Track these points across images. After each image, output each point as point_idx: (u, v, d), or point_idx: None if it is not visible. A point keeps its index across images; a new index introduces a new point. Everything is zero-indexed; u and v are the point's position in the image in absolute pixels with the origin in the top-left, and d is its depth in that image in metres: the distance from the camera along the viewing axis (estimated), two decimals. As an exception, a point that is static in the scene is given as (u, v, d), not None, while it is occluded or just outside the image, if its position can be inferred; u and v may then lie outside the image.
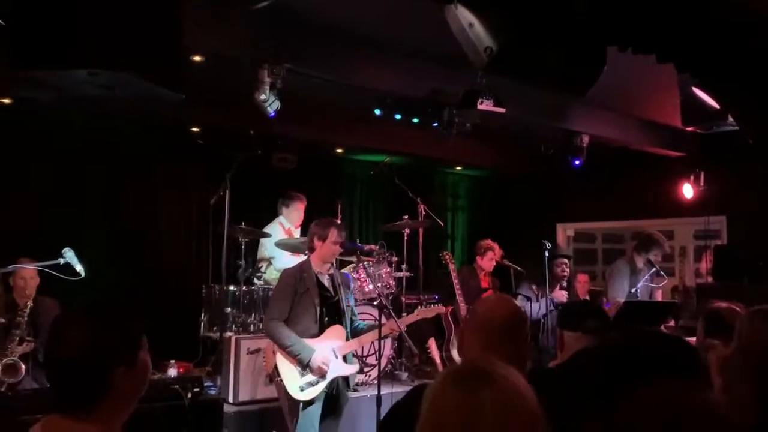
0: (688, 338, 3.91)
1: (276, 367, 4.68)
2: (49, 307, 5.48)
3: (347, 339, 4.87)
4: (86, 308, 1.90)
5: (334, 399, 4.83)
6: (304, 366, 4.62)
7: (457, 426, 1.33)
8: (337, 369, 4.77)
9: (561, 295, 6.00)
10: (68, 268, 4.80)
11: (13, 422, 3.90)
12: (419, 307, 5.45)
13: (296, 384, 4.64)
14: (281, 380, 4.65)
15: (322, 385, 4.69)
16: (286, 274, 4.92)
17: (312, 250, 4.91)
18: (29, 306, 5.34)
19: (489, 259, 7.46)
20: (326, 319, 4.80)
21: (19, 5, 2.35)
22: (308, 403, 4.64)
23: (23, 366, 4.98)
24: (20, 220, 7.04)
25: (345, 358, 4.86)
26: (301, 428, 4.60)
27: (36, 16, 2.29)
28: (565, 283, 6.13)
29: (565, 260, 6.12)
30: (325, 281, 4.90)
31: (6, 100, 6.51)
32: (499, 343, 2.42)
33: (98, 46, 2.19)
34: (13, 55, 2.36)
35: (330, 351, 4.73)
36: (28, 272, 5.39)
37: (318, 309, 4.75)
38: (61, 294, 6.18)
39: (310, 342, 4.68)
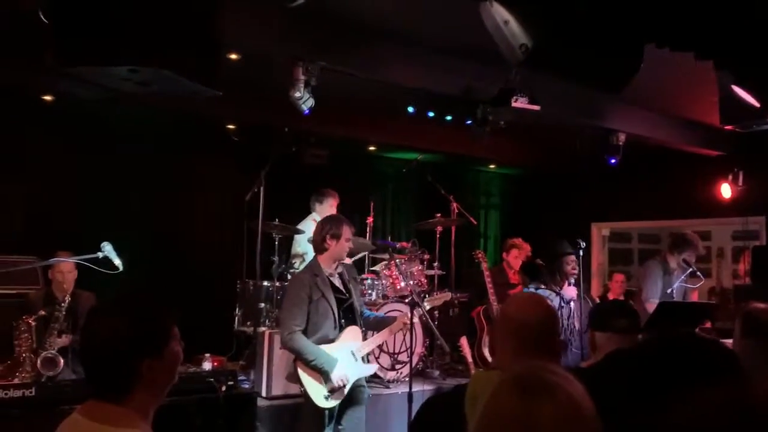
0: (724, 340, 3.85)
1: (299, 377, 4.61)
2: (87, 300, 5.59)
3: (364, 338, 4.87)
4: (116, 300, 1.96)
5: (353, 395, 4.77)
6: (326, 377, 4.57)
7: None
8: (357, 371, 4.75)
9: (571, 291, 5.95)
10: (107, 261, 4.89)
11: (54, 411, 4.00)
12: (426, 295, 5.46)
13: (321, 393, 4.58)
14: (305, 390, 4.60)
15: (346, 390, 4.65)
16: (298, 281, 4.78)
17: (324, 250, 4.75)
18: (67, 299, 5.45)
19: (514, 256, 7.46)
20: (342, 321, 4.72)
21: (61, 3, 2.41)
22: (333, 409, 4.60)
23: (62, 360, 5.09)
24: (59, 213, 7.20)
25: (363, 358, 4.85)
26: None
27: (78, 13, 2.35)
28: (572, 280, 6.07)
29: (574, 257, 6.07)
30: (337, 282, 4.81)
31: (48, 97, 6.67)
32: (534, 347, 2.38)
33: (138, 43, 2.24)
34: (56, 53, 2.42)
35: (349, 355, 4.70)
36: (66, 266, 5.50)
37: (335, 313, 4.66)
38: (99, 287, 6.32)
39: (328, 347, 4.62)
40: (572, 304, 5.95)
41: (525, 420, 1.32)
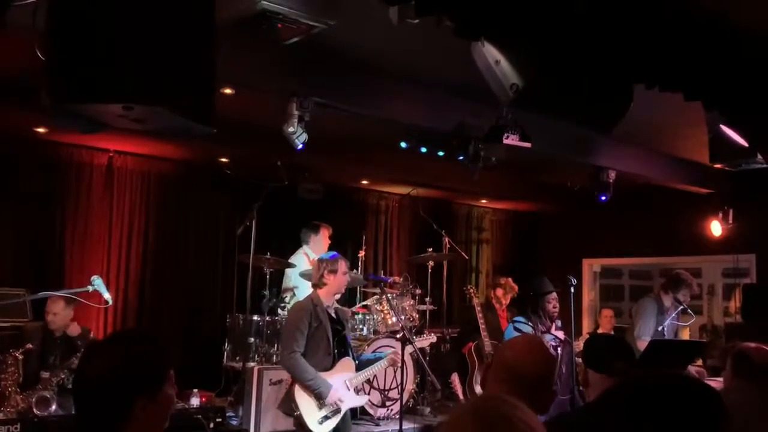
0: (714, 378, 3.83)
1: (295, 401, 4.68)
2: (81, 335, 5.56)
3: (356, 370, 4.95)
4: (113, 338, 1.94)
5: (340, 425, 4.84)
6: (321, 401, 4.65)
7: None
8: (350, 401, 4.85)
9: (560, 334, 5.87)
10: (96, 295, 4.86)
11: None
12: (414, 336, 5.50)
13: (315, 417, 4.66)
14: (300, 414, 4.66)
15: (338, 418, 4.74)
16: (299, 307, 4.96)
17: (324, 285, 4.90)
18: (61, 334, 5.45)
19: (501, 294, 7.47)
20: (336, 351, 4.84)
21: (56, 39, 2.43)
22: None
23: (56, 399, 5.03)
24: (50, 250, 7.18)
25: (355, 389, 4.93)
26: None
27: (73, 50, 2.37)
28: (559, 322, 5.98)
29: (555, 295, 6.00)
30: (333, 315, 4.94)
31: (41, 130, 6.69)
32: (526, 394, 2.31)
33: (133, 80, 2.25)
34: (51, 90, 2.44)
35: (342, 384, 4.79)
36: (56, 307, 5.47)
37: (331, 342, 4.79)
38: (89, 320, 6.29)
39: (324, 375, 4.72)
40: (559, 349, 5.83)
41: None
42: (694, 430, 1.43)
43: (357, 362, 5.06)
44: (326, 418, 4.68)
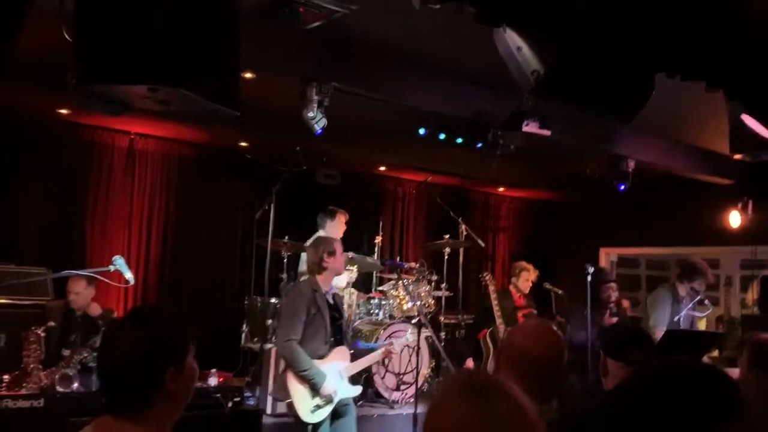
0: (731, 369, 3.83)
1: (287, 388, 4.66)
2: (102, 314, 5.63)
3: (352, 359, 4.94)
4: (135, 314, 1.97)
5: (340, 411, 4.84)
6: (316, 390, 4.63)
7: None
8: (344, 391, 4.81)
9: (610, 322, 5.86)
10: (118, 275, 4.92)
11: (62, 423, 4.02)
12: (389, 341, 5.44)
13: (307, 407, 4.64)
14: (292, 402, 4.65)
15: (331, 407, 4.71)
16: (298, 292, 4.91)
17: (323, 269, 4.84)
18: (83, 313, 5.52)
19: (525, 279, 7.45)
20: (332, 339, 4.82)
21: (84, 22, 2.46)
22: (318, 424, 4.66)
23: (78, 377, 5.10)
24: (72, 230, 7.28)
25: (350, 379, 4.90)
26: None
27: (100, 32, 2.40)
28: (615, 309, 5.96)
29: (613, 284, 5.97)
30: (331, 301, 4.92)
31: (64, 111, 6.76)
32: (536, 379, 2.28)
33: (159, 62, 2.28)
34: (78, 71, 2.47)
35: (337, 374, 4.77)
36: (77, 286, 5.54)
37: (329, 330, 4.76)
38: (110, 300, 6.37)
39: (319, 363, 4.69)
40: None
41: (484, 420, 1.32)
42: (711, 418, 1.44)
43: (352, 351, 5.06)
44: (318, 407, 4.64)
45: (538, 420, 1.39)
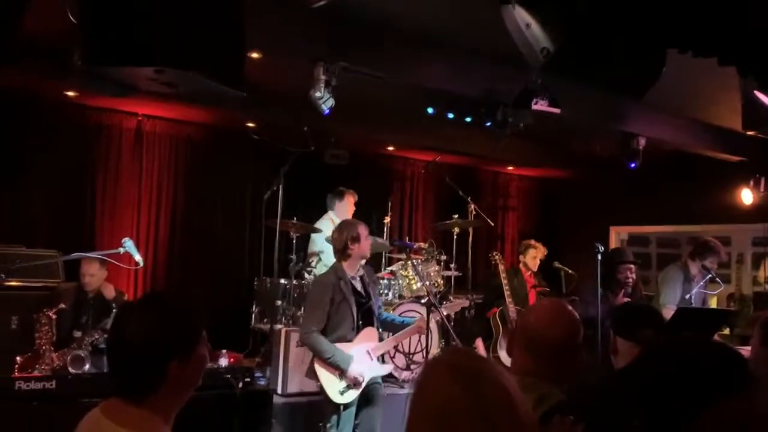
0: (742, 347, 3.81)
1: (315, 373, 4.74)
2: (115, 297, 5.67)
3: (380, 339, 4.96)
4: (148, 298, 1.97)
5: (369, 393, 4.89)
6: (342, 374, 4.69)
7: (467, 420, 1.32)
8: (373, 370, 4.85)
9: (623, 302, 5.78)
10: (128, 257, 4.94)
11: (75, 405, 4.06)
12: (445, 302, 5.52)
13: (336, 389, 4.70)
14: (321, 385, 4.73)
15: (361, 387, 4.76)
16: (321, 283, 4.95)
17: (348, 256, 4.87)
18: (95, 295, 5.56)
19: (532, 257, 7.45)
20: (360, 323, 4.86)
21: (89, 3, 2.45)
22: (347, 405, 4.72)
23: (90, 358, 5.15)
24: (82, 212, 7.31)
25: (381, 358, 4.95)
26: (339, 427, 4.69)
27: (105, 13, 2.38)
28: (630, 290, 5.89)
29: (631, 266, 5.90)
30: (358, 285, 4.94)
31: (71, 93, 6.76)
32: (550, 361, 2.27)
33: (165, 44, 2.27)
34: (83, 52, 2.46)
35: (365, 353, 4.81)
36: (91, 269, 5.58)
37: (355, 317, 4.81)
38: (120, 282, 6.39)
39: (345, 346, 4.73)
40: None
41: (469, 401, 1.32)
42: (721, 393, 1.43)
43: (389, 320, 5.11)
44: (348, 387, 4.71)
45: (523, 400, 1.39)
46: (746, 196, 8.22)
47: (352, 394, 4.73)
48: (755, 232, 8.62)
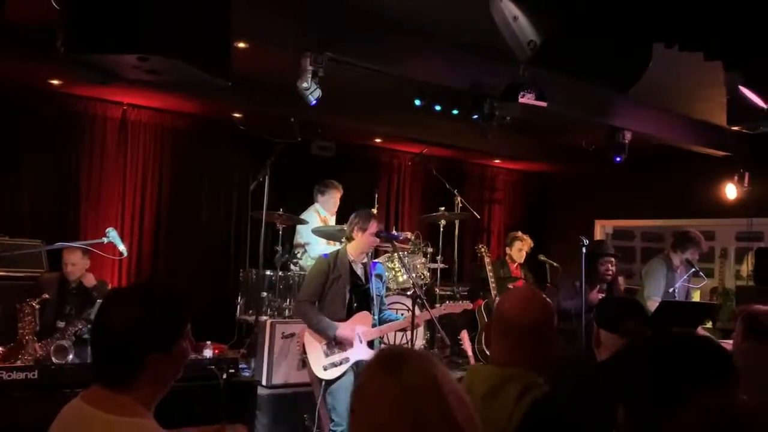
0: (724, 340, 3.84)
1: (303, 345, 4.86)
2: (97, 286, 5.64)
3: (373, 326, 4.98)
4: (134, 288, 1.95)
5: (357, 376, 4.91)
6: (330, 340, 4.77)
7: (392, 407, 1.37)
8: (361, 353, 4.89)
9: (596, 298, 5.71)
10: (112, 247, 4.91)
11: (57, 395, 4.03)
12: (447, 301, 5.55)
13: (320, 363, 4.80)
14: (306, 358, 4.82)
15: (345, 367, 4.83)
16: (321, 259, 5.07)
17: (350, 239, 5.02)
18: (77, 285, 5.52)
19: (518, 249, 7.49)
20: (355, 305, 4.94)
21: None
22: (330, 382, 4.79)
23: (73, 348, 5.11)
24: (65, 202, 7.24)
25: (371, 344, 4.96)
26: (336, 398, 4.75)
27: (89, 0, 2.35)
28: (605, 285, 5.84)
29: (612, 259, 5.86)
30: (358, 270, 5.03)
31: (55, 82, 6.69)
32: (527, 345, 2.27)
33: (149, 31, 2.24)
34: (66, 39, 2.43)
35: (356, 336, 4.87)
36: (74, 257, 5.54)
37: (348, 295, 4.90)
38: (104, 272, 6.34)
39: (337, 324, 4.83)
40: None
41: (397, 394, 1.36)
42: (703, 386, 1.44)
43: (387, 318, 5.14)
44: (333, 365, 4.79)
45: (457, 388, 1.44)
46: (730, 191, 8.28)
47: (336, 372, 4.79)
48: (739, 227, 8.69)
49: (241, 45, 5.18)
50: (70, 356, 4.81)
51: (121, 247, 5.00)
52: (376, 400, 1.39)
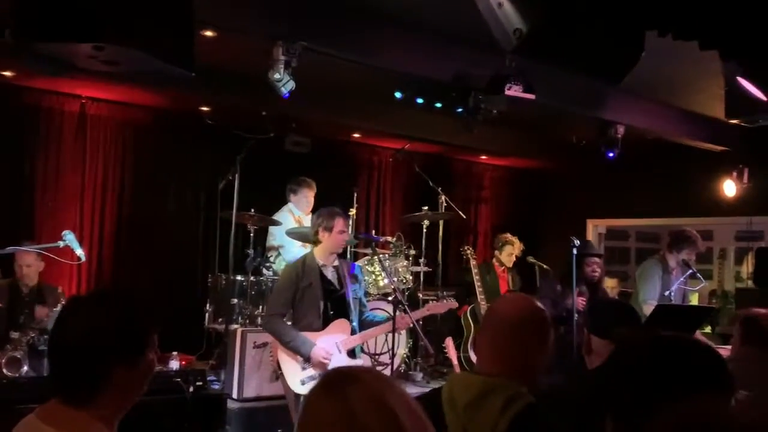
0: (724, 345, 3.87)
1: (277, 361, 4.79)
2: (51, 294, 5.59)
3: (353, 333, 4.95)
4: (97, 296, 1.93)
5: None
6: (306, 360, 4.71)
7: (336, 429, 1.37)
8: (341, 363, 4.83)
9: (578, 303, 5.70)
10: (69, 251, 4.87)
11: (10, 411, 3.98)
12: (430, 301, 5.51)
13: (297, 378, 4.74)
14: (282, 374, 4.76)
15: None
16: (288, 267, 5.03)
17: (317, 242, 4.96)
18: (30, 290, 5.47)
19: (508, 254, 7.52)
20: (331, 312, 4.88)
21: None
22: None
23: (27, 360, 5.06)
24: (18, 202, 7.15)
25: (351, 353, 4.94)
26: None
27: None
28: (586, 288, 5.86)
29: (597, 260, 5.91)
30: (329, 274, 4.97)
31: (8, 73, 6.60)
32: (511, 344, 2.27)
33: (104, 19, 2.22)
34: (17, 28, 2.40)
35: (333, 345, 4.82)
36: (26, 260, 5.49)
37: (322, 303, 4.84)
38: (61, 278, 6.27)
39: (312, 336, 4.76)
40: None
41: (340, 413, 1.36)
42: (696, 391, 1.46)
43: (368, 320, 5.10)
44: (311, 378, 4.74)
45: (414, 407, 1.43)
46: (729, 188, 8.36)
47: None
48: (738, 225, 8.78)
49: (208, 33, 5.15)
50: (24, 368, 4.76)
51: (79, 252, 4.95)
52: (319, 425, 1.39)
